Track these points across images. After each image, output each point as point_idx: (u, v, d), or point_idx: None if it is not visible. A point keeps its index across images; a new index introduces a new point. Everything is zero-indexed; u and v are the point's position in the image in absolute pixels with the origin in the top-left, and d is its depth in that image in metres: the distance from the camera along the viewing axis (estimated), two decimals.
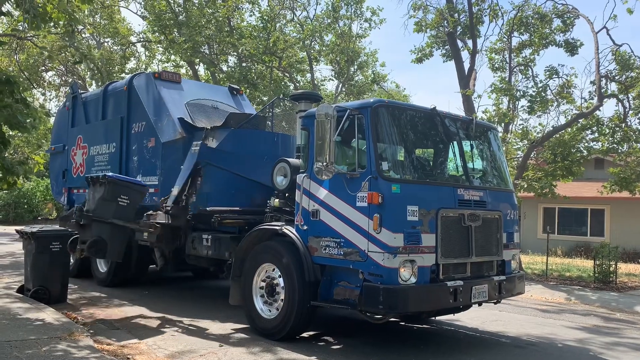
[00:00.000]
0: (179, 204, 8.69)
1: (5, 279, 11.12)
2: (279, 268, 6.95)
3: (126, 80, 10.78)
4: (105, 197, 8.05)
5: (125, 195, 8.19)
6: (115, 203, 8.08)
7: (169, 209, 8.68)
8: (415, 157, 7.19)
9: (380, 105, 6.57)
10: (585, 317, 9.93)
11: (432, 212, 6.28)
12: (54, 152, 12.94)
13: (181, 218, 8.77)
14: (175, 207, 8.68)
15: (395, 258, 5.92)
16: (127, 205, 8.21)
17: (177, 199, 8.67)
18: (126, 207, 8.21)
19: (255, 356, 6.22)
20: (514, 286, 7.27)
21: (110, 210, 8.08)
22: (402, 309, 6.11)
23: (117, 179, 8.26)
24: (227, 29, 21.74)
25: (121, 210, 8.16)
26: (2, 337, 6.02)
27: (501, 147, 8.35)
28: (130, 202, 8.27)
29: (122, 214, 8.19)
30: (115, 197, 8.08)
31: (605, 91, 15.50)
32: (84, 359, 5.45)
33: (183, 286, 11.22)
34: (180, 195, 8.67)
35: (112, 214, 8.09)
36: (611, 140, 15.82)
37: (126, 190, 8.25)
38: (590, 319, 9.79)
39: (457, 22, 16.63)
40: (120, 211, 8.16)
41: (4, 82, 7.95)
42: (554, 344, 7.58)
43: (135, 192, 8.42)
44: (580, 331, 8.61)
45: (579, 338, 8.06)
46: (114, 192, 8.07)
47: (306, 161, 7.00)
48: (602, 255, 13.88)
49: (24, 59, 24.92)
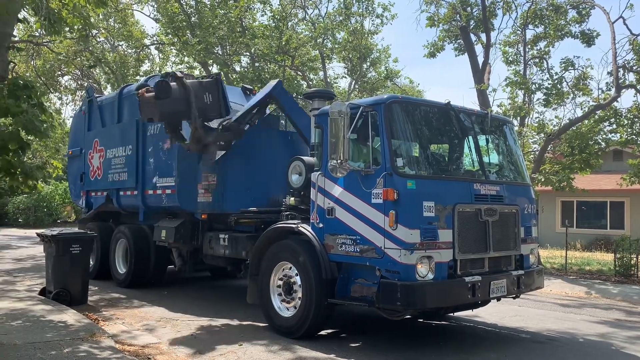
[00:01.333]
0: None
1: (27, 281, 11.29)
2: (295, 266, 6.95)
3: (141, 82, 10.82)
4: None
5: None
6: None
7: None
8: (430, 153, 7.16)
9: (394, 101, 6.53)
10: (606, 311, 9.81)
11: (448, 207, 6.24)
12: (72, 156, 13.09)
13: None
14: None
15: (412, 254, 5.90)
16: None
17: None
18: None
19: (275, 354, 6.24)
20: (532, 281, 7.22)
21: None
22: (420, 305, 6.08)
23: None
24: (240, 30, 21.80)
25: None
26: (25, 338, 6.12)
27: (517, 141, 8.27)
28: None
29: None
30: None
31: (623, 82, 15.26)
32: (106, 359, 5.52)
33: (201, 286, 11.30)
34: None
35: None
36: (630, 132, 15.58)
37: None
38: (612, 313, 9.66)
39: (470, 15, 16.50)
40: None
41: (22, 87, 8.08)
42: (576, 339, 7.50)
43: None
44: (602, 325, 8.50)
45: (600, 332, 7.96)
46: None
47: (320, 159, 7.00)
48: (623, 249, 13.70)
49: (41, 64, 25.25)
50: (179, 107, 8.11)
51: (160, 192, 9.72)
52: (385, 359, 6.21)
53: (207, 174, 9.00)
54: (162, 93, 7.87)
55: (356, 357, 6.25)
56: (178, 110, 8.14)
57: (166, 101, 7.92)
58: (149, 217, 10.43)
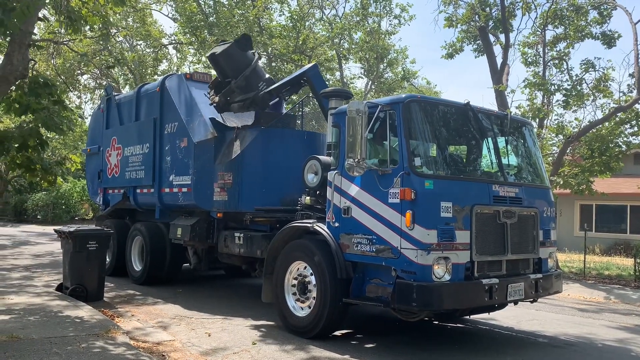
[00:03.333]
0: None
1: (45, 277, 11.42)
2: (310, 265, 6.90)
3: (159, 81, 10.90)
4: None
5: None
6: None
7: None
8: (448, 153, 7.06)
9: (412, 100, 6.46)
10: (626, 317, 9.64)
11: (466, 208, 6.17)
12: (90, 154, 13.17)
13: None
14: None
15: (429, 255, 5.83)
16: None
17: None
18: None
19: (288, 354, 6.22)
20: (550, 284, 7.11)
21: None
22: (436, 306, 5.99)
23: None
24: (257, 29, 21.87)
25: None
26: (42, 333, 6.17)
27: (537, 143, 8.16)
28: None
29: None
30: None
31: None
32: (120, 356, 5.54)
33: (216, 285, 11.33)
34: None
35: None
36: None
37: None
38: (632, 319, 9.48)
39: (488, 16, 16.36)
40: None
41: (42, 85, 8.18)
42: (594, 344, 7.36)
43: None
44: (621, 331, 8.35)
45: (619, 338, 7.81)
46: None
47: (337, 158, 6.95)
48: None
49: (61, 63, 25.57)
50: (239, 65, 9.52)
51: (176, 190, 9.74)
52: None
53: (223, 172, 8.99)
54: (243, 44, 9.60)
55: (371, 359, 6.19)
56: (237, 66, 9.53)
57: (236, 51, 9.48)
58: (165, 215, 10.47)
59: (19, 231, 26.77)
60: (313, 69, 9.39)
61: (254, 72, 9.69)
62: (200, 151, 9.20)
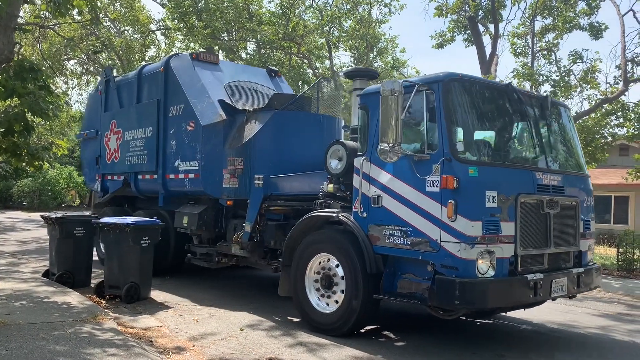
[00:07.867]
0: (253, 240, 8.12)
1: (32, 263, 11.35)
2: (337, 258, 6.43)
3: (163, 61, 10.24)
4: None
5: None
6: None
7: (246, 245, 8.21)
8: (491, 138, 6.53)
9: (453, 79, 5.90)
10: (608, 305, 9.81)
11: (511, 198, 5.69)
12: (87, 138, 12.45)
13: (257, 252, 8.27)
14: (251, 243, 8.15)
15: (473, 249, 5.38)
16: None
17: (251, 235, 8.11)
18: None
19: (276, 339, 6.26)
20: (591, 279, 6.66)
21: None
22: (480, 304, 5.62)
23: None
24: (247, 16, 21.70)
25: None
26: (29, 319, 6.15)
27: (574, 127, 7.58)
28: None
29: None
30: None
31: (632, 75, 15.17)
32: (108, 341, 5.55)
33: (204, 274, 11.22)
34: (254, 230, 8.10)
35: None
36: (637, 126, 15.48)
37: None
38: (614, 307, 9.66)
39: (478, 5, 16.39)
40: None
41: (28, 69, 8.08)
42: (577, 331, 7.50)
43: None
44: (603, 319, 8.50)
45: (601, 325, 7.96)
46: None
47: (365, 143, 6.43)
48: (626, 243, 13.72)
49: (47, 48, 25.21)
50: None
51: (182, 176, 9.31)
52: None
53: (234, 158, 8.59)
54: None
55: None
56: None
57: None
58: (169, 202, 9.96)
59: (5, 217, 26.52)
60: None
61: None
62: (208, 135, 8.79)
